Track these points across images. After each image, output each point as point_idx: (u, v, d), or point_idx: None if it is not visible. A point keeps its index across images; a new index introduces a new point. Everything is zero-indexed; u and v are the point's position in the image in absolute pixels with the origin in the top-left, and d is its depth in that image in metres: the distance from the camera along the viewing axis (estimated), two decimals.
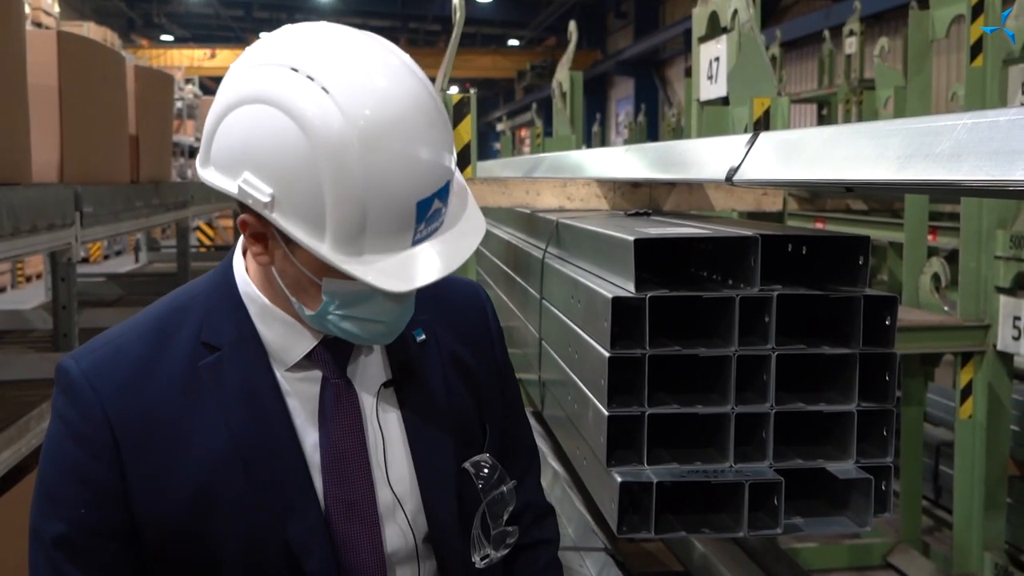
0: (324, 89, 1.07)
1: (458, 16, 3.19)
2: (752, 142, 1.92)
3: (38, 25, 12.89)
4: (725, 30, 3.78)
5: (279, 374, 1.24)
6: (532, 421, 4.53)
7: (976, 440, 4.10)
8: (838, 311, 1.88)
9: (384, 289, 1.11)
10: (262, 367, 1.23)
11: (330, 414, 1.25)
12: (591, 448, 1.99)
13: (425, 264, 1.13)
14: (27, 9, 12.36)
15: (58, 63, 3.71)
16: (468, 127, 3.05)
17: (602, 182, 2.93)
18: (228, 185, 1.13)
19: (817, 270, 1.96)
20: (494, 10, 30.67)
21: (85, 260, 18.13)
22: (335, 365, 1.26)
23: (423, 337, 1.33)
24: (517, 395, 1.51)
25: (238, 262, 1.28)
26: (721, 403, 1.85)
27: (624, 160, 2.79)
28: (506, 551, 1.32)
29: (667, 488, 1.87)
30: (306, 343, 1.25)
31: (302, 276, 1.17)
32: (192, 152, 18.37)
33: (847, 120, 10.34)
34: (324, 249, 1.10)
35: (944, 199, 5.05)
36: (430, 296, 1.28)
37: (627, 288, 1.85)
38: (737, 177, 1.92)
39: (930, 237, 4.98)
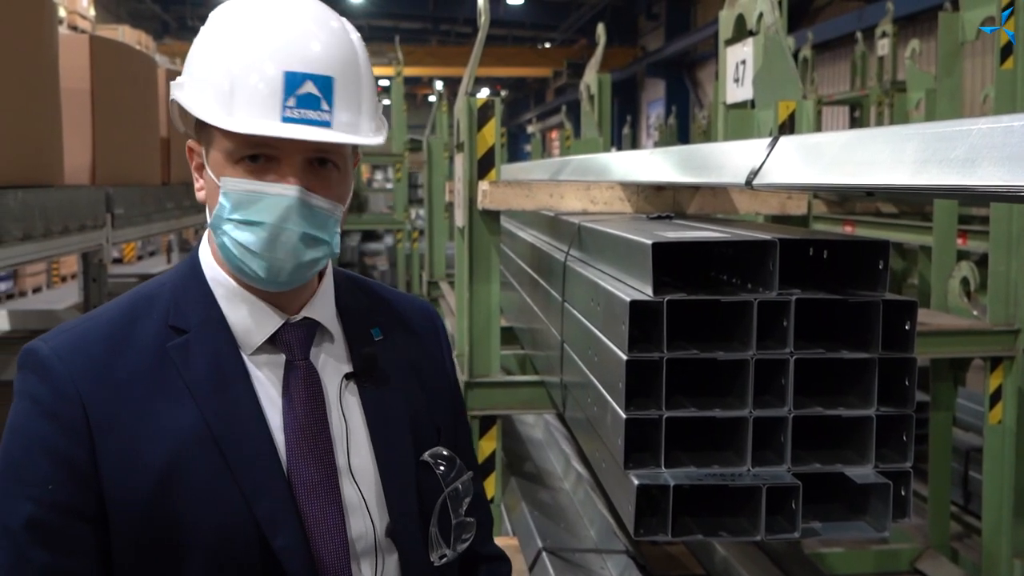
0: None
1: (483, 20, 3.21)
2: (772, 146, 1.93)
3: (74, 28, 13.07)
4: (751, 33, 3.77)
5: (245, 356, 1.28)
6: (555, 422, 4.55)
7: (1005, 445, 4.06)
8: (858, 315, 1.88)
9: (236, 129, 1.19)
10: (229, 349, 1.27)
11: (294, 395, 1.28)
12: (610, 450, 2.00)
13: (276, 128, 1.19)
14: (63, 13, 12.54)
15: (90, 67, 3.76)
16: (492, 130, 3.07)
17: (626, 185, 2.93)
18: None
19: (838, 274, 1.96)
20: (525, 13, 30.65)
21: (119, 260, 18.34)
22: (299, 348, 1.30)
23: (380, 337, 1.37)
24: (468, 436, 1.55)
25: (204, 249, 1.33)
26: (739, 407, 1.85)
27: (647, 163, 2.80)
28: (463, 546, 1.34)
29: (685, 491, 1.87)
30: (270, 325, 1.28)
31: (213, 186, 1.25)
32: None
33: (879, 123, 10.26)
34: (202, 107, 1.21)
35: (973, 202, 5.01)
36: (386, 307, 1.40)
37: (645, 291, 1.86)
38: (757, 181, 1.92)
39: (960, 241, 4.94)
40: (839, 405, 1.87)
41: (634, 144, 21.12)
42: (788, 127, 3.33)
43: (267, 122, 1.19)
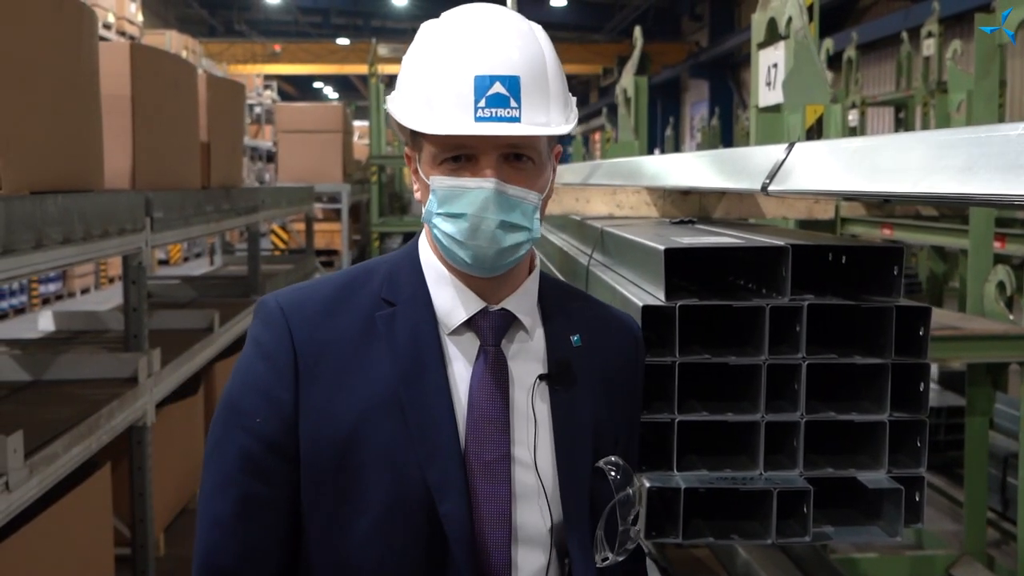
0: (437, 18, 1.40)
1: None
2: (788, 152, 1.94)
3: (122, 34, 13.31)
4: (783, 37, 3.77)
5: (443, 335, 1.41)
6: None
7: None
8: (872, 321, 1.88)
9: (432, 131, 1.32)
10: (429, 325, 1.40)
11: (479, 378, 1.39)
12: None
13: (468, 127, 1.31)
14: (112, 19, 12.77)
15: (131, 73, 3.86)
16: None
17: (652, 190, 2.95)
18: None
19: (856, 279, 1.97)
20: (567, 15, 30.70)
21: (165, 262, 18.63)
22: (492, 335, 1.41)
23: (579, 344, 1.47)
24: (638, 451, 1.65)
25: (423, 237, 1.48)
26: (752, 411, 1.86)
27: (673, 167, 2.81)
28: (624, 556, 1.41)
29: (699, 494, 1.89)
30: (469, 308, 1.41)
31: (425, 186, 1.38)
32: (271, 156, 18.74)
33: (924, 123, 10.15)
34: (405, 116, 1.36)
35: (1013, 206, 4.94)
36: (591, 316, 1.51)
37: (659, 296, 1.88)
38: (772, 187, 1.94)
39: (998, 244, 4.89)
40: (852, 410, 1.88)
41: (676, 146, 21.04)
42: (816, 131, 3.34)
43: (460, 123, 1.31)
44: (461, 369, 1.40)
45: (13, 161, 2.71)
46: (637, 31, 6.49)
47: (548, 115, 1.35)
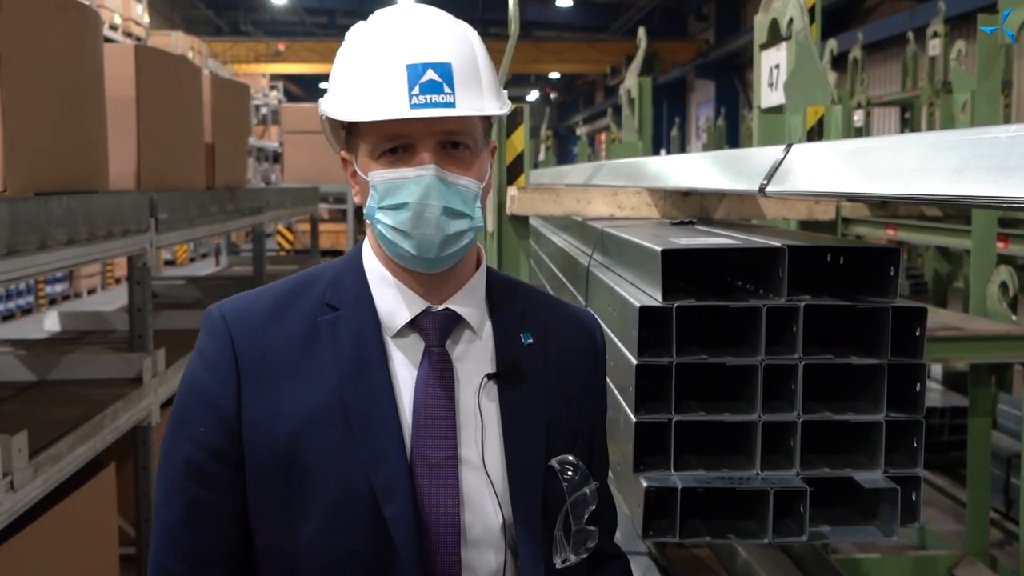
0: (366, 19, 1.40)
1: (513, 28, 3.26)
2: (786, 153, 1.95)
3: (128, 35, 13.35)
4: (784, 38, 3.77)
5: (387, 338, 1.40)
6: None
7: None
8: (868, 321, 1.89)
9: (365, 117, 1.32)
10: (372, 329, 1.40)
11: (424, 379, 1.39)
12: (623, 453, 2.04)
13: (404, 112, 1.31)
14: (118, 20, 12.81)
15: (135, 75, 3.88)
16: (521, 137, 3.12)
17: (653, 190, 2.97)
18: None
19: (853, 280, 1.98)
20: (573, 15, 30.70)
21: (171, 263, 18.67)
22: (436, 336, 1.40)
23: (530, 341, 1.46)
24: (604, 448, 1.61)
25: (366, 241, 1.48)
26: (748, 411, 1.88)
27: (674, 168, 2.82)
28: (584, 555, 1.40)
29: (697, 494, 1.90)
30: (412, 309, 1.40)
31: (364, 184, 1.38)
32: (276, 157, 18.78)
33: (930, 124, 10.13)
34: (338, 109, 1.36)
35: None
36: (544, 313, 1.49)
37: (656, 297, 1.89)
38: (770, 188, 1.95)
39: (1001, 245, 4.89)
40: (849, 410, 1.89)
41: (682, 146, 21.04)
42: (816, 132, 3.34)
43: (396, 108, 1.31)
44: (405, 371, 1.39)
45: (18, 163, 2.73)
46: (641, 32, 6.49)
47: (482, 101, 1.36)
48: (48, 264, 2.93)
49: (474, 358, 1.42)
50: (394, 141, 1.34)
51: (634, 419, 1.87)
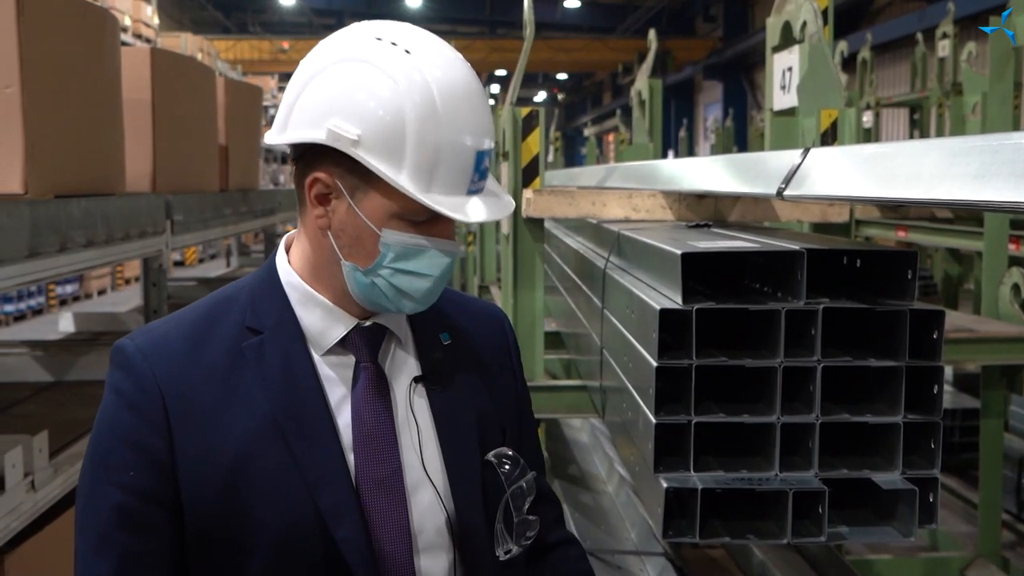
0: (407, 51, 1.27)
1: (528, 31, 3.27)
2: (803, 157, 1.96)
3: (139, 37, 13.38)
4: (798, 41, 3.78)
5: (316, 357, 1.36)
6: (601, 426, 4.59)
7: None
8: (886, 324, 1.91)
9: (452, 215, 1.26)
10: (300, 350, 1.35)
11: (361, 396, 1.36)
12: (642, 454, 2.05)
13: (477, 208, 1.29)
14: (128, 22, 12.84)
15: (151, 78, 3.90)
16: (536, 140, 3.13)
17: (667, 193, 2.98)
18: (314, 135, 1.27)
19: (870, 282, 1.99)
20: (581, 16, 30.69)
21: (180, 264, 18.72)
22: (367, 351, 1.38)
23: (449, 340, 1.46)
24: (535, 436, 1.62)
25: (281, 257, 1.41)
26: (767, 413, 1.89)
27: (689, 171, 2.84)
28: (527, 543, 1.40)
29: (716, 495, 1.92)
30: (342, 327, 1.36)
31: (363, 230, 1.29)
32: (284, 158, 18.81)
33: (939, 125, 10.12)
34: (403, 180, 1.25)
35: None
36: (456, 311, 1.48)
37: (676, 300, 1.91)
38: (788, 192, 1.96)
39: (1012, 246, 4.89)
40: (867, 412, 1.90)
41: (690, 147, 21.02)
42: (830, 135, 3.35)
43: (459, 199, 1.28)
44: (338, 389, 1.35)
45: (39, 165, 2.75)
46: (652, 34, 6.50)
47: (496, 185, 1.38)
48: (68, 266, 2.96)
49: (402, 367, 1.41)
50: (428, 214, 1.28)
51: (654, 420, 1.89)
